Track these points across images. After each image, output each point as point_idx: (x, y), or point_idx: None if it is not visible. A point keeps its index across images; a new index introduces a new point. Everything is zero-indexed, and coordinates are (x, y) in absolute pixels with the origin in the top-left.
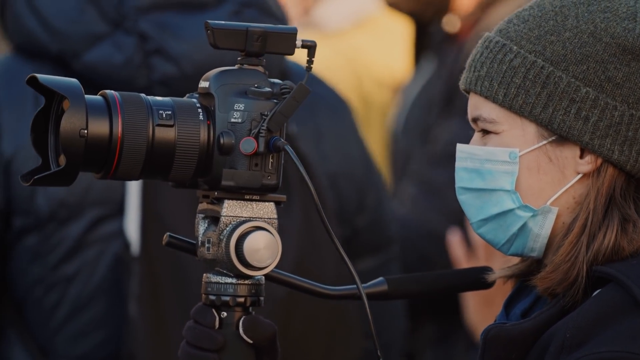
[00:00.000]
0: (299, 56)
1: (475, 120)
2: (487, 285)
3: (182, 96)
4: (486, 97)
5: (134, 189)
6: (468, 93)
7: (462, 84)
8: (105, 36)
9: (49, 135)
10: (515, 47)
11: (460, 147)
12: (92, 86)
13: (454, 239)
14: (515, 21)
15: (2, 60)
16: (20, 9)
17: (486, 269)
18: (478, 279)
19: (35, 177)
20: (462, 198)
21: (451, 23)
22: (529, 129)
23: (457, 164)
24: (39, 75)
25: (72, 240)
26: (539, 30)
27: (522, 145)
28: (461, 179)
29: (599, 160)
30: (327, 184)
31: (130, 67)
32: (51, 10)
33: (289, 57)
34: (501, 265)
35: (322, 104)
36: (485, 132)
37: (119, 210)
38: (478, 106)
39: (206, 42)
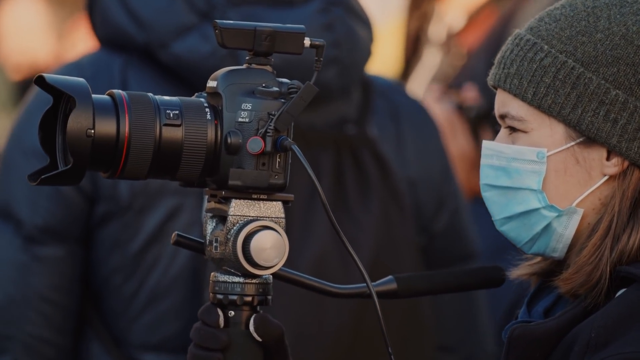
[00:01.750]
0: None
1: (502, 117)
2: (498, 283)
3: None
4: (515, 95)
5: None
6: (496, 89)
7: (490, 80)
8: (193, 27)
9: (57, 135)
10: (546, 47)
11: (486, 144)
12: (178, 77)
13: None
14: (547, 20)
15: (91, 54)
16: (109, 1)
17: (496, 268)
18: (488, 277)
19: (43, 176)
20: (487, 195)
21: (437, 32)
22: (557, 129)
23: (483, 161)
24: (46, 75)
25: (151, 228)
26: (571, 30)
27: (550, 145)
28: (487, 176)
29: (626, 163)
30: (406, 189)
31: (216, 57)
32: (140, 1)
33: (368, 70)
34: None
35: (405, 111)
36: (513, 129)
37: (198, 199)
38: (506, 103)
39: None
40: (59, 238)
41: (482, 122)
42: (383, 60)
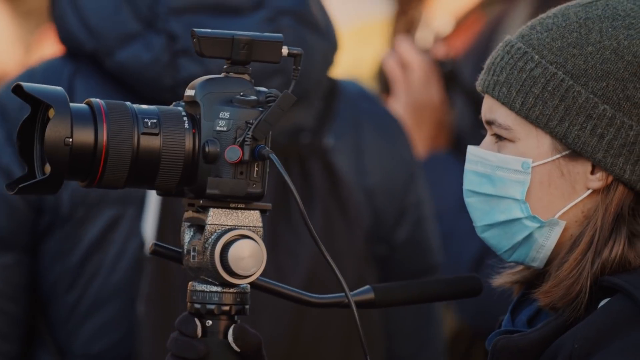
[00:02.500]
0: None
1: (489, 123)
2: (475, 293)
3: None
4: (503, 103)
5: None
6: (484, 93)
7: (479, 85)
8: (137, 35)
9: (35, 144)
10: (536, 57)
11: (471, 150)
12: (122, 85)
13: (389, 63)
14: (539, 28)
15: (46, 61)
16: (65, 7)
17: (473, 277)
18: (465, 287)
19: (20, 185)
20: (470, 201)
21: (424, 38)
22: (544, 141)
23: (467, 166)
24: (24, 84)
25: (92, 238)
26: (562, 42)
27: (535, 156)
28: (470, 182)
29: (610, 178)
30: (364, 199)
31: (157, 66)
32: (90, 8)
33: (337, 75)
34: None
35: (370, 120)
36: (499, 137)
37: (138, 209)
38: (494, 110)
39: None
40: (7, 246)
41: (454, 79)
42: (367, 62)
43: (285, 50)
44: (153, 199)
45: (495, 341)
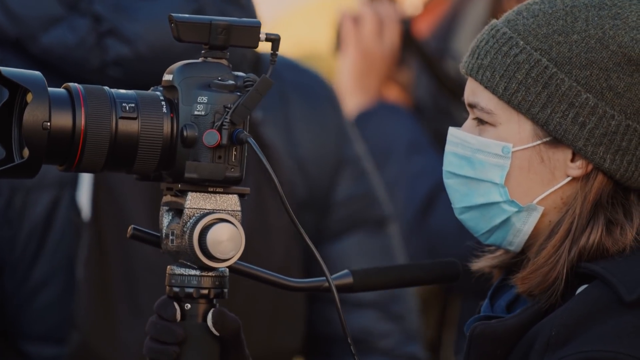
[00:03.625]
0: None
1: (471, 106)
2: (454, 277)
3: (137, 76)
4: (486, 87)
5: None
6: (467, 76)
7: (462, 68)
8: (61, 19)
9: (13, 128)
10: (521, 42)
11: (452, 132)
12: (48, 69)
13: (345, 19)
14: (525, 14)
15: None
16: None
17: (453, 262)
18: (444, 271)
19: None
20: (449, 182)
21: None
22: (525, 127)
23: (448, 148)
24: (2, 69)
25: (32, 222)
26: (548, 28)
27: (516, 141)
28: (450, 164)
29: (590, 166)
30: (297, 170)
31: (83, 48)
32: None
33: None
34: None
35: (294, 90)
36: (481, 121)
37: (75, 189)
38: (476, 93)
39: (161, 24)
40: None
41: (411, 39)
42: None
43: (263, 35)
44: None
45: (472, 327)
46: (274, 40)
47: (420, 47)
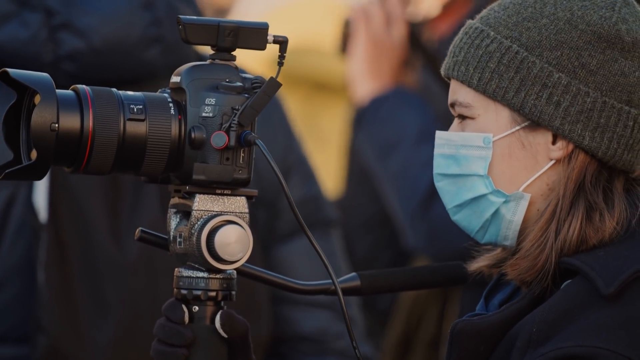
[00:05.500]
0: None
1: (452, 105)
2: (461, 280)
3: (92, 70)
4: (462, 82)
5: None
6: (449, 79)
7: (442, 71)
8: (12, 15)
9: (21, 130)
10: (492, 33)
11: (438, 134)
12: (1, 65)
13: (354, 12)
14: (496, 8)
15: None
16: None
17: (459, 265)
18: (451, 274)
19: (7, 171)
20: (439, 185)
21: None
22: (503, 114)
23: (435, 151)
24: (10, 70)
25: None
26: (517, 17)
27: (496, 130)
28: (438, 165)
29: (570, 146)
30: None
31: (35, 43)
32: None
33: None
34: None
35: None
36: (462, 117)
37: (30, 188)
38: (455, 91)
39: (114, 17)
40: None
41: (417, 41)
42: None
43: (270, 37)
44: None
45: (454, 324)
46: (282, 42)
47: (426, 50)
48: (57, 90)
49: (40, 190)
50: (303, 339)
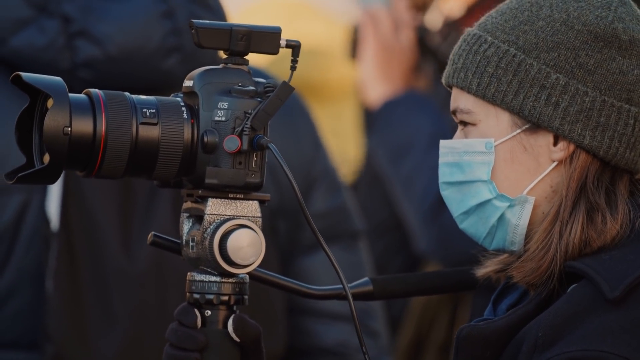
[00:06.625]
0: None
1: (454, 112)
2: (472, 285)
3: (109, 78)
4: (462, 88)
5: None
6: (451, 88)
7: (443, 79)
8: (30, 21)
9: (34, 134)
10: (490, 38)
11: (442, 143)
12: (17, 71)
13: (362, 16)
14: (494, 14)
15: None
16: None
17: (470, 270)
18: (463, 279)
19: (20, 175)
20: (445, 193)
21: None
22: (503, 118)
23: (440, 160)
24: (23, 74)
25: (1, 226)
26: (514, 21)
27: (497, 134)
28: (443, 174)
29: (572, 147)
30: (268, 175)
31: (52, 49)
32: None
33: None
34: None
35: None
36: (465, 124)
37: (45, 193)
38: (456, 98)
39: (131, 25)
40: None
41: (426, 47)
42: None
43: (283, 42)
44: None
45: (459, 330)
46: (294, 47)
47: (437, 55)
48: (70, 94)
49: (54, 198)
50: (324, 351)
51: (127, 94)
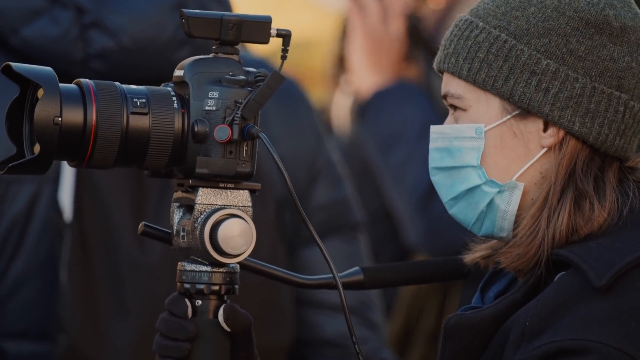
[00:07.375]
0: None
1: (445, 97)
2: (463, 275)
3: (122, 69)
4: (452, 73)
5: None
6: (442, 73)
7: (434, 65)
8: (43, 11)
9: (24, 124)
10: (481, 24)
11: (432, 128)
12: (29, 62)
13: (350, 5)
14: (486, 0)
15: None
16: None
17: (461, 259)
18: (453, 268)
19: (10, 165)
20: (435, 179)
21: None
22: (493, 104)
23: (430, 145)
24: (13, 64)
25: (12, 216)
26: (506, 7)
27: (487, 120)
28: (433, 159)
29: (561, 133)
30: (274, 168)
31: (66, 40)
32: None
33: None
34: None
35: None
36: (455, 108)
37: (56, 184)
38: (447, 83)
39: (144, 16)
40: None
41: (417, 36)
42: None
43: (274, 31)
44: (68, 169)
45: (447, 319)
46: (285, 36)
47: (428, 43)
48: (60, 84)
49: (66, 189)
50: (326, 343)
51: (117, 83)
